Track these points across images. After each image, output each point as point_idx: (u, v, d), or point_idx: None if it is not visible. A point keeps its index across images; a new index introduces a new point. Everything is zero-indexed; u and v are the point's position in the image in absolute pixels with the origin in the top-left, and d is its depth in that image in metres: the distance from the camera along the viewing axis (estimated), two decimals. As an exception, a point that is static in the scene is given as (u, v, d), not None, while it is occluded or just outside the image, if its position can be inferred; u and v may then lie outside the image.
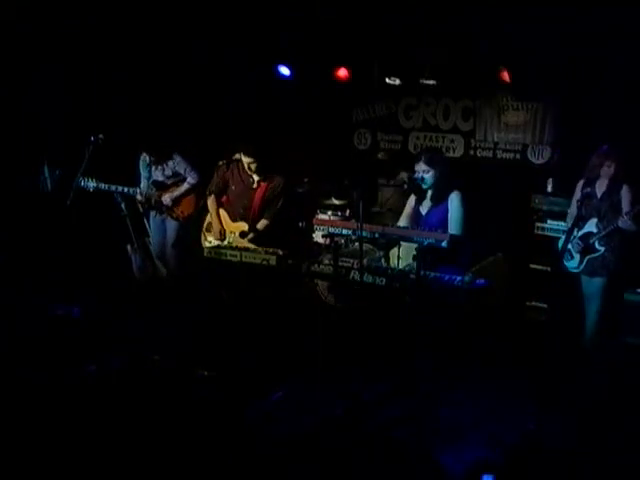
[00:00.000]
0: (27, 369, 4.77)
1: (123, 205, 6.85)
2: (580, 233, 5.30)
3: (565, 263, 5.40)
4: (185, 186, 6.61)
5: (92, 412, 4.14)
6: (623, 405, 4.51)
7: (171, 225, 6.72)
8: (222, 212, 6.26)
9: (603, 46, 5.75)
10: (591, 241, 5.24)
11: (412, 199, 5.39)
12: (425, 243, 4.73)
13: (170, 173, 6.61)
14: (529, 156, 7.07)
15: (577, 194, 5.35)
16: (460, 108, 7.39)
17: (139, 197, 6.61)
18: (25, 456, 3.68)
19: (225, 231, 6.18)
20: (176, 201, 6.61)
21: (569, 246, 5.32)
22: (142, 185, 6.61)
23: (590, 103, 6.20)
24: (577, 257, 5.33)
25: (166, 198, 6.60)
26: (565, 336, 5.30)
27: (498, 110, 7.16)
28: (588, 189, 5.20)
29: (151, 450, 3.77)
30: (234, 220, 6.19)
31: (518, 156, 7.13)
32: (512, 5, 5.67)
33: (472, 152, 7.39)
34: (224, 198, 6.31)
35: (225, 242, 6.08)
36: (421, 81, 6.81)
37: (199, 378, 4.74)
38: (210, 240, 6.21)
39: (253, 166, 6.01)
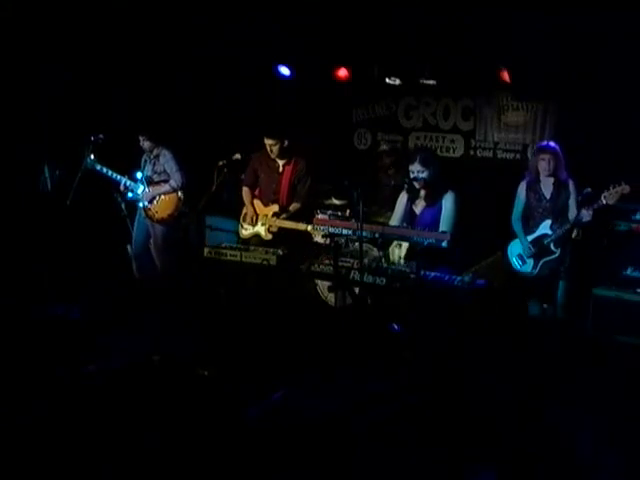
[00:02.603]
0: (27, 369, 4.78)
1: (123, 205, 6.86)
2: (532, 237, 5.34)
3: (518, 268, 5.47)
4: (166, 187, 6.58)
5: (92, 412, 4.13)
6: (624, 404, 4.51)
7: (155, 228, 6.68)
8: (256, 202, 6.46)
9: (603, 46, 5.75)
10: (546, 243, 5.25)
11: (404, 198, 5.37)
12: (425, 243, 4.73)
13: (159, 169, 6.59)
14: (529, 156, 7.06)
15: (521, 195, 5.48)
16: (460, 108, 7.39)
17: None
18: (25, 456, 3.68)
19: (258, 216, 6.34)
20: (152, 200, 6.59)
21: (520, 250, 5.43)
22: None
23: (590, 103, 6.20)
24: (530, 261, 5.34)
25: (146, 193, 6.60)
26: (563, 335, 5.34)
27: (498, 110, 7.16)
28: (534, 191, 5.34)
29: (151, 450, 3.77)
30: (266, 205, 6.37)
31: (518, 156, 7.13)
32: (512, 5, 5.67)
33: (472, 152, 7.39)
34: (257, 191, 6.50)
35: (258, 226, 6.29)
36: (421, 81, 6.81)
37: (199, 378, 4.73)
38: (246, 228, 6.42)
39: (275, 148, 6.21)
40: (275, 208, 6.30)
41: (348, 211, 6.85)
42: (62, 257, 6.53)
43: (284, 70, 7.33)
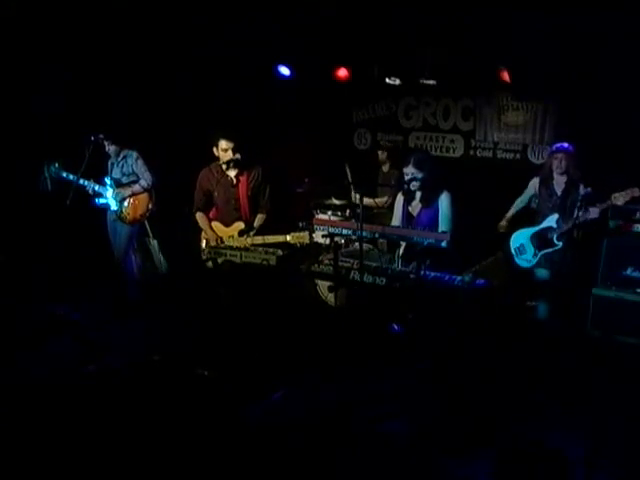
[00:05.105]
0: (27, 369, 4.78)
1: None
2: (538, 228, 5.55)
3: (519, 257, 5.69)
4: (136, 187, 6.49)
5: (92, 412, 4.14)
6: (624, 404, 4.51)
7: (123, 229, 6.61)
8: (215, 224, 6.03)
9: (603, 46, 5.76)
10: (549, 235, 5.45)
11: (400, 200, 5.37)
12: (425, 243, 4.73)
13: (127, 171, 6.52)
14: (529, 156, 7.08)
15: (530, 190, 5.72)
16: (460, 108, 7.40)
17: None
18: (25, 456, 3.68)
19: (222, 239, 5.90)
20: (123, 201, 6.50)
21: (523, 241, 5.66)
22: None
23: (590, 103, 6.20)
24: (530, 252, 5.58)
25: (116, 195, 6.52)
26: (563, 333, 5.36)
27: (498, 110, 7.17)
28: (546, 187, 5.55)
29: (151, 450, 3.77)
30: (229, 225, 5.97)
31: (518, 156, 7.13)
32: (512, 5, 5.67)
33: (472, 152, 7.40)
34: (212, 212, 6.11)
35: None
36: (421, 81, 6.81)
37: (199, 378, 4.73)
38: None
39: (229, 153, 5.79)
40: (240, 225, 5.90)
41: (348, 211, 6.87)
42: (62, 257, 6.52)
43: (284, 70, 7.33)
